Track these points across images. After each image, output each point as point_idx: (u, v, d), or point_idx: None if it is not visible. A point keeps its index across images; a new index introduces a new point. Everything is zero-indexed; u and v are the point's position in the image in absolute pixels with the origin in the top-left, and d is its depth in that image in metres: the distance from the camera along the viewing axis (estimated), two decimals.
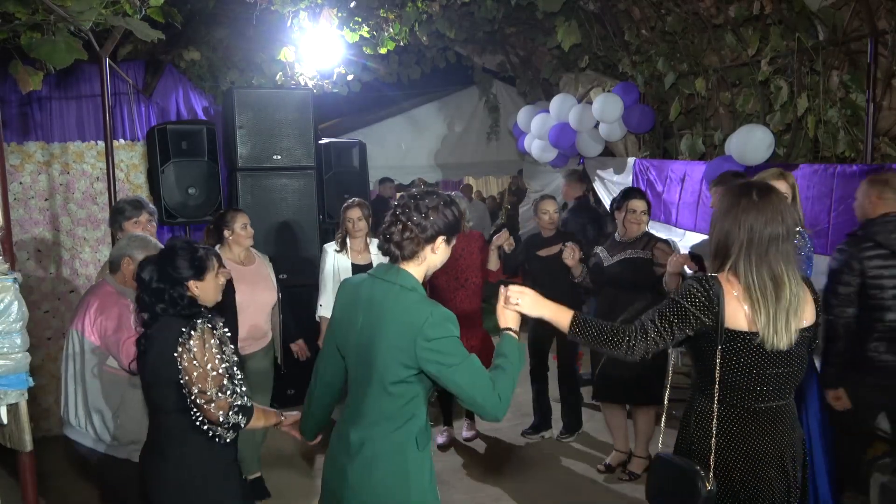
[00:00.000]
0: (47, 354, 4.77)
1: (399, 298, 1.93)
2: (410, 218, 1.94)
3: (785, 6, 4.32)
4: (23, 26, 2.88)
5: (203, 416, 2.12)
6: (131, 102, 5.19)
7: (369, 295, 1.99)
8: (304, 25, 5.87)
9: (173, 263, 2.20)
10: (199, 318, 2.15)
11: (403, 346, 1.87)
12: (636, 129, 5.79)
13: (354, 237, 4.11)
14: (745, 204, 1.94)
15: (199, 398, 2.09)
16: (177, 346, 2.10)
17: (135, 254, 2.75)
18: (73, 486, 4.08)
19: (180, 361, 2.09)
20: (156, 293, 2.17)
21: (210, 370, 2.10)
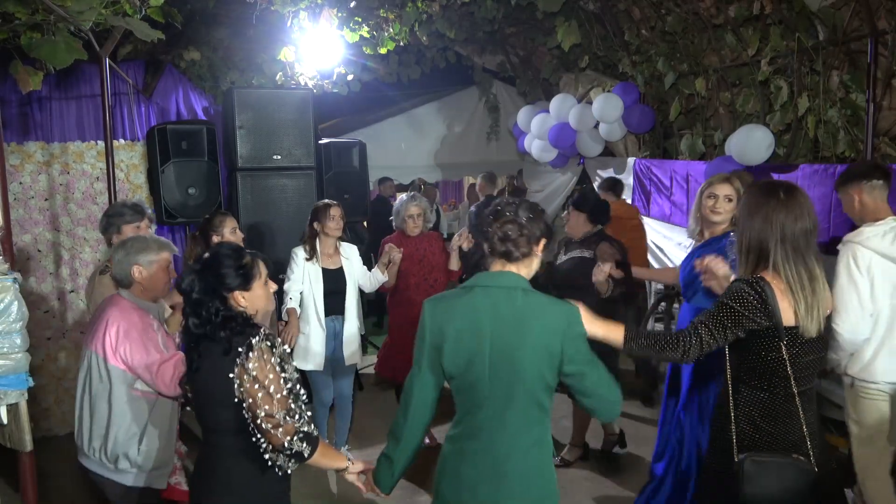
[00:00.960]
0: (47, 354, 4.77)
1: (530, 302, 1.90)
2: (521, 218, 1.93)
3: (785, 6, 4.32)
4: (23, 26, 2.88)
5: (267, 442, 1.95)
6: (131, 102, 5.19)
7: (490, 305, 1.91)
8: (304, 25, 5.87)
9: (217, 273, 2.02)
10: (254, 334, 1.98)
11: (553, 349, 1.87)
12: (636, 129, 5.79)
13: (330, 236, 4.01)
14: (774, 203, 2.05)
15: (265, 422, 1.91)
16: (233, 367, 1.94)
17: (141, 259, 2.58)
18: (73, 486, 4.08)
19: (240, 383, 1.93)
20: (197, 305, 2.00)
21: (274, 392, 1.93)
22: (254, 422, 1.93)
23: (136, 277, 2.56)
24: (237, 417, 1.96)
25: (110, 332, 2.47)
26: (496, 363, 1.89)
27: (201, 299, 1.98)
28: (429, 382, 2.01)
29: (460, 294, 1.98)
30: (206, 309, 1.98)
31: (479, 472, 1.92)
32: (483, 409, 1.93)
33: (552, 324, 1.88)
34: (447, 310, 1.97)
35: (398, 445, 2.06)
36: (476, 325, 1.91)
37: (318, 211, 4.01)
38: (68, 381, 4.84)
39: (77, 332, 4.83)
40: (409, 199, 4.39)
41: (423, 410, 2.04)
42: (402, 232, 4.40)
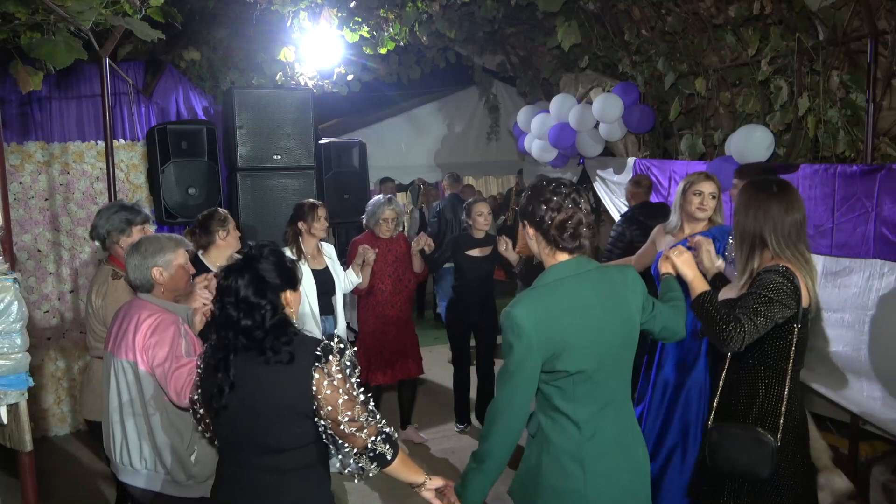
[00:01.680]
0: (47, 354, 4.77)
1: (613, 275, 2.00)
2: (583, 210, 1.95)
3: (785, 6, 4.31)
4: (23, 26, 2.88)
5: (350, 446, 1.86)
6: (131, 102, 5.19)
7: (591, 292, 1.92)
8: (304, 25, 5.87)
9: (269, 270, 1.88)
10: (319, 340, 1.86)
11: (641, 306, 2.02)
12: (636, 129, 5.79)
13: (314, 237, 3.98)
14: (767, 197, 2.22)
15: (349, 426, 1.82)
16: (306, 375, 1.81)
17: (159, 260, 2.48)
18: (73, 487, 4.08)
19: (318, 390, 1.81)
20: (251, 308, 1.83)
21: (356, 396, 1.85)
22: (335, 428, 1.83)
23: (158, 279, 2.48)
24: (310, 430, 1.85)
25: (140, 333, 2.36)
26: (611, 343, 1.93)
27: (255, 301, 1.83)
28: (531, 392, 1.90)
29: (551, 291, 1.90)
30: (259, 311, 1.83)
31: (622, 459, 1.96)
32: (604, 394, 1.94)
33: (636, 285, 2.01)
34: (552, 310, 1.87)
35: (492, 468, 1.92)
36: (589, 315, 1.90)
37: (304, 211, 3.95)
38: (68, 381, 4.85)
39: (77, 332, 4.84)
40: (385, 201, 4.41)
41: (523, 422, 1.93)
42: (372, 233, 4.42)
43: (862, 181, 3.68)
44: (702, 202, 3.23)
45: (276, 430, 1.84)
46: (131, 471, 2.43)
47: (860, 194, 3.70)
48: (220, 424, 1.92)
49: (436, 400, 5.32)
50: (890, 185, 3.52)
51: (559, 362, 1.86)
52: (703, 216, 3.24)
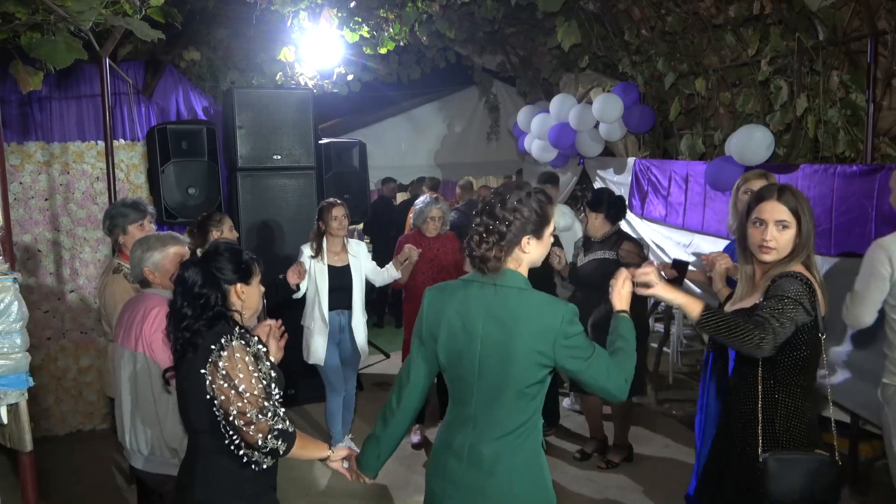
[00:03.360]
0: (47, 354, 4.77)
1: (523, 300, 1.86)
2: (487, 227, 1.86)
3: (785, 6, 4.32)
4: (23, 26, 2.88)
5: (240, 439, 1.94)
6: (131, 102, 5.19)
7: (483, 301, 1.89)
8: (304, 25, 5.87)
9: (219, 265, 2.01)
10: (227, 332, 1.95)
11: (542, 349, 1.83)
12: (636, 129, 5.79)
13: (336, 236, 4.10)
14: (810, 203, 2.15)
15: (238, 419, 1.90)
16: (205, 363, 1.92)
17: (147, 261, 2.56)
18: (73, 486, 4.08)
19: (212, 380, 1.91)
20: (196, 297, 1.97)
21: (244, 391, 1.90)
22: (226, 419, 1.92)
23: (151, 280, 2.58)
24: (211, 416, 1.95)
25: (147, 321, 2.45)
26: (485, 361, 1.87)
27: (201, 292, 1.97)
28: (422, 369, 2.03)
29: (458, 287, 1.96)
30: (204, 301, 1.97)
31: (464, 466, 1.90)
32: (470, 403, 1.92)
33: (544, 326, 1.82)
34: (444, 301, 1.97)
35: (386, 426, 2.06)
36: (468, 321, 1.89)
37: (322, 210, 4.11)
38: (68, 381, 4.85)
39: (77, 332, 4.84)
40: (432, 200, 4.53)
41: (414, 395, 2.05)
42: (419, 231, 4.52)
43: (862, 181, 3.69)
44: None
45: (188, 411, 2.02)
46: (140, 455, 2.52)
47: (860, 194, 3.70)
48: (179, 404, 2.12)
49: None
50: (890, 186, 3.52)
51: (437, 346, 1.97)
52: None
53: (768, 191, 2.17)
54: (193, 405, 1.99)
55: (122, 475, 4.18)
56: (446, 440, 1.97)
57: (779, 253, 2.12)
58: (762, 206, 2.14)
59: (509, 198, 1.86)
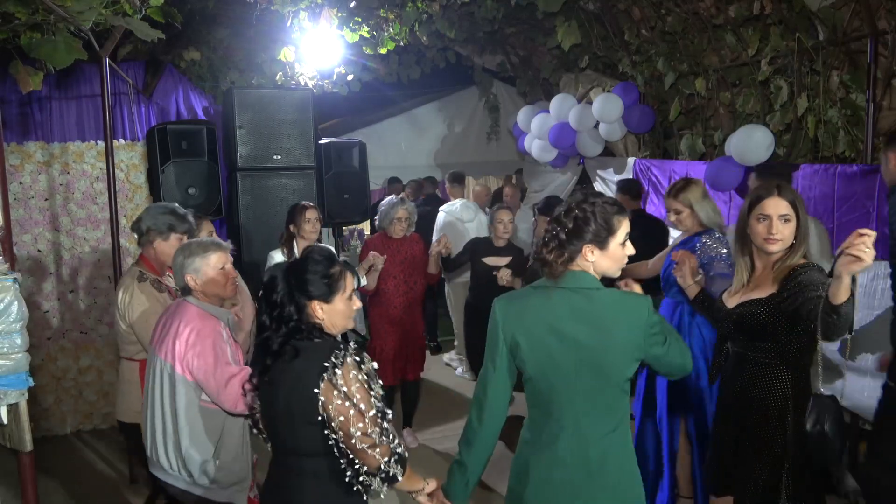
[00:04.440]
0: (47, 354, 4.77)
1: (605, 299, 1.90)
2: (553, 234, 1.91)
3: (785, 6, 4.31)
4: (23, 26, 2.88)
5: (361, 464, 1.83)
6: (131, 102, 5.19)
7: (565, 304, 1.89)
8: (304, 25, 5.87)
9: (301, 277, 1.89)
10: (341, 347, 1.85)
11: (637, 342, 1.87)
12: (636, 129, 5.79)
13: (308, 239, 4.00)
14: None
15: (361, 441, 1.79)
16: (318, 382, 1.80)
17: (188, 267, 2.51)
18: (73, 487, 4.08)
19: (326, 400, 1.79)
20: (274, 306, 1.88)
21: (366, 410, 1.80)
22: (347, 442, 1.80)
23: (193, 286, 2.53)
24: (322, 438, 1.83)
25: (180, 339, 2.40)
26: (580, 364, 1.87)
27: (280, 301, 1.87)
28: (504, 383, 1.98)
29: (533, 294, 1.95)
30: (282, 312, 1.87)
31: (572, 475, 1.88)
32: (568, 408, 1.89)
33: (634, 320, 1.87)
34: (522, 310, 1.93)
35: (472, 449, 1.99)
36: (556, 326, 1.88)
37: (294, 213, 4.01)
38: (68, 381, 4.85)
39: (77, 332, 4.84)
40: (398, 201, 4.43)
41: (498, 413, 1.99)
42: (385, 233, 4.42)
43: (862, 181, 3.69)
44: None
45: (291, 434, 1.87)
46: (160, 467, 2.50)
47: (860, 194, 3.70)
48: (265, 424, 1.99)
49: (436, 400, 5.32)
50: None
51: (516, 356, 1.94)
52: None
53: (768, 188, 2.31)
54: (300, 428, 1.85)
55: (122, 475, 4.18)
56: (544, 453, 1.91)
57: (783, 244, 2.28)
58: (765, 203, 2.28)
59: (574, 206, 1.90)
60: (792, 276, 2.20)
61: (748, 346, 2.35)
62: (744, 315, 2.32)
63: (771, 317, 2.25)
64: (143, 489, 3.97)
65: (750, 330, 2.31)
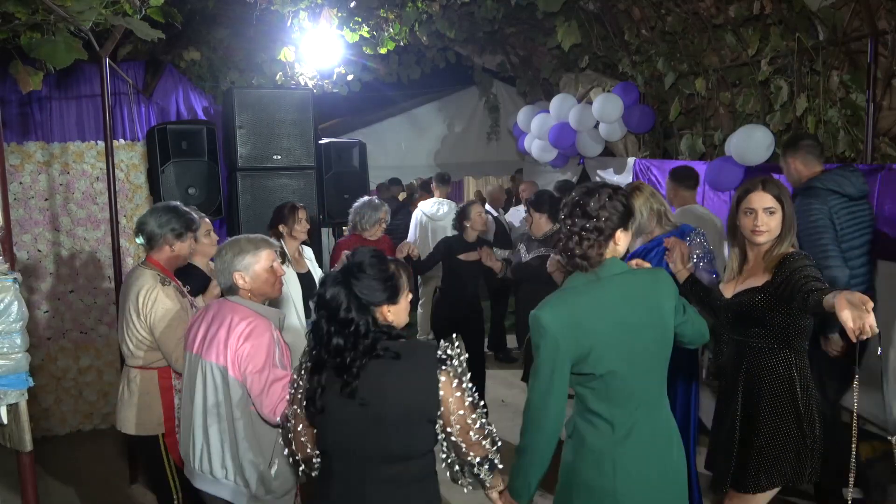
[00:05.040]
0: (47, 354, 4.77)
1: (645, 277, 2.01)
2: (583, 227, 1.93)
3: (785, 6, 4.32)
4: (23, 26, 2.88)
5: (473, 455, 1.82)
6: (131, 102, 5.19)
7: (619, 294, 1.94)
8: (304, 25, 5.87)
9: (362, 285, 1.80)
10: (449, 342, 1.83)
11: (675, 309, 2.02)
12: (636, 129, 5.79)
13: (297, 240, 3.93)
14: None
15: (476, 434, 1.80)
16: (438, 376, 1.77)
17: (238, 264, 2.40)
18: (73, 487, 4.08)
19: (446, 393, 1.77)
20: (346, 324, 1.78)
21: (477, 402, 1.82)
22: (464, 435, 1.79)
23: (241, 285, 2.42)
24: (432, 437, 1.81)
25: (232, 339, 2.28)
26: (643, 344, 1.95)
27: (349, 317, 1.77)
28: (565, 392, 1.94)
29: (578, 294, 1.94)
30: (354, 328, 1.78)
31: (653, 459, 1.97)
32: (637, 394, 1.96)
33: (669, 289, 2.02)
34: (579, 315, 1.90)
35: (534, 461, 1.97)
36: (618, 316, 1.93)
37: (285, 214, 3.90)
38: (68, 381, 4.85)
39: (77, 332, 4.84)
40: (379, 203, 4.47)
41: (560, 422, 1.97)
42: (359, 235, 4.40)
43: None
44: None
45: (403, 437, 1.79)
46: (211, 479, 2.38)
47: None
48: (333, 436, 1.84)
49: None
50: (890, 185, 3.52)
51: (586, 364, 1.91)
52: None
53: (753, 184, 2.46)
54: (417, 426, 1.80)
55: (122, 475, 4.17)
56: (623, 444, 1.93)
57: (770, 235, 2.41)
58: (751, 197, 2.43)
59: (599, 196, 1.95)
60: (783, 264, 2.32)
61: (749, 334, 2.45)
62: (742, 304, 2.43)
63: (768, 303, 2.36)
64: (143, 489, 3.97)
65: (749, 317, 2.42)
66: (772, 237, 2.41)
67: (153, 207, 3.02)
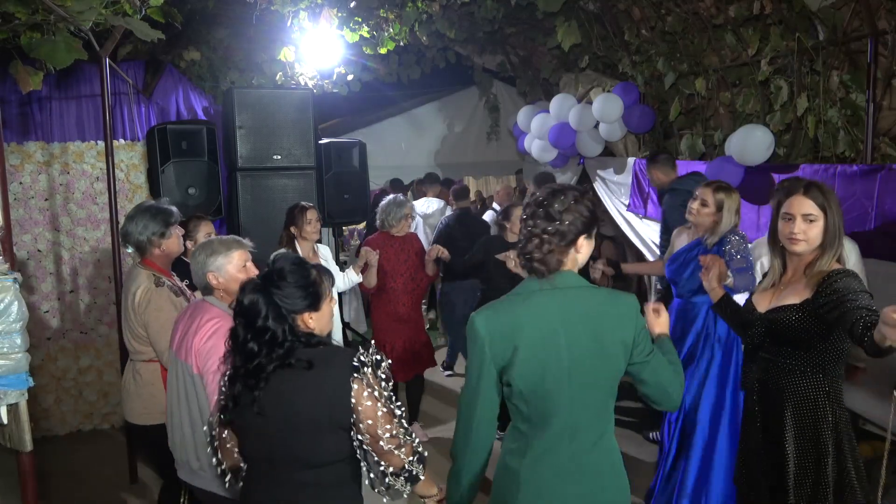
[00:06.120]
0: (47, 354, 4.77)
1: (596, 297, 1.85)
2: (545, 229, 1.82)
3: (785, 6, 4.31)
4: (23, 26, 2.88)
5: (387, 465, 1.79)
6: (131, 102, 5.19)
7: (557, 306, 1.81)
8: (304, 25, 5.87)
9: (282, 293, 1.78)
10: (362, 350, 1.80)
11: (627, 339, 1.83)
12: (636, 129, 5.79)
13: (309, 240, 4.04)
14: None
15: (388, 443, 1.75)
16: (350, 384, 1.74)
17: (211, 265, 2.47)
18: (73, 487, 4.08)
19: (357, 402, 1.73)
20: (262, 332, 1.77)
21: (393, 410, 1.77)
22: (374, 444, 1.76)
23: (215, 285, 2.49)
24: (347, 443, 1.78)
25: (197, 339, 2.36)
26: (576, 367, 1.80)
27: (269, 326, 1.76)
28: (493, 399, 1.87)
29: (518, 302, 1.85)
30: (270, 336, 1.77)
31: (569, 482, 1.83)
32: (559, 417, 1.82)
33: (625, 317, 1.83)
34: (510, 322, 1.82)
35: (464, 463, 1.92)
36: (549, 331, 1.80)
37: (295, 214, 4.02)
38: (68, 381, 4.85)
39: (77, 332, 4.84)
40: (404, 199, 4.51)
41: (489, 429, 1.91)
42: (387, 233, 4.45)
43: (862, 181, 3.69)
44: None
45: (313, 443, 1.78)
46: (189, 470, 2.46)
47: (860, 194, 3.70)
48: (251, 440, 1.85)
49: (439, 399, 5.32)
50: (890, 185, 3.52)
51: (509, 376, 1.83)
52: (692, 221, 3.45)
53: (795, 186, 2.24)
54: (325, 436, 1.77)
55: (122, 475, 4.17)
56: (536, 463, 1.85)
57: (808, 245, 2.20)
58: (790, 201, 2.23)
59: (564, 199, 1.83)
60: (827, 282, 2.10)
61: (779, 353, 2.25)
62: (776, 321, 2.22)
63: (805, 323, 2.15)
64: (144, 489, 3.98)
65: (782, 336, 2.22)
66: (811, 247, 2.19)
67: (129, 214, 3.04)
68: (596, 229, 1.90)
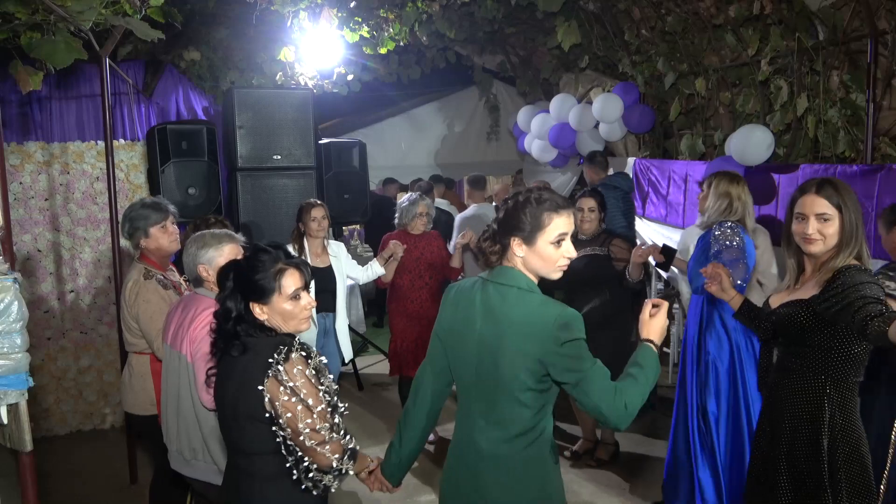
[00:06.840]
0: (47, 354, 4.77)
1: (519, 300, 1.80)
2: (490, 224, 1.92)
3: (785, 6, 4.32)
4: (23, 26, 2.88)
5: (310, 461, 1.79)
6: (131, 102, 5.19)
7: (483, 299, 1.86)
8: (304, 25, 5.87)
9: (239, 276, 1.87)
10: (287, 343, 1.83)
11: (531, 352, 1.75)
12: (636, 129, 5.79)
13: (315, 238, 4.10)
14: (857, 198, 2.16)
15: (310, 438, 1.75)
16: (263, 378, 1.76)
17: (202, 257, 2.51)
18: (73, 487, 4.08)
19: (272, 396, 1.76)
20: (222, 302, 1.88)
21: (314, 405, 1.76)
22: (295, 439, 1.77)
23: (205, 277, 2.52)
24: (271, 436, 1.79)
25: (191, 330, 2.40)
26: (481, 361, 1.85)
27: (224, 300, 1.87)
28: (437, 368, 2.03)
29: (469, 286, 1.95)
30: (224, 311, 1.86)
31: (461, 463, 1.92)
32: (469, 404, 1.92)
33: (534, 328, 1.75)
34: (456, 299, 1.97)
35: (405, 431, 2.06)
36: (468, 319, 1.89)
37: (301, 211, 4.12)
38: (68, 381, 4.85)
39: (77, 332, 4.84)
40: (418, 197, 4.51)
41: (432, 399, 2.04)
42: (404, 230, 4.49)
43: (862, 181, 3.69)
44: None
45: (239, 432, 1.85)
46: (183, 461, 2.50)
47: (860, 194, 3.68)
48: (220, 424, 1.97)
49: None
50: (890, 185, 3.52)
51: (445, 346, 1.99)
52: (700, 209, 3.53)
53: (808, 185, 2.18)
54: (247, 426, 1.82)
55: (122, 475, 4.17)
56: (454, 443, 1.99)
57: (824, 244, 2.13)
58: (803, 200, 2.16)
59: (510, 199, 1.89)
60: (836, 278, 2.05)
61: (788, 351, 2.19)
62: (783, 316, 2.17)
63: (809, 320, 2.09)
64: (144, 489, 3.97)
65: (788, 333, 2.17)
66: (827, 247, 2.12)
67: (125, 212, 3.16)
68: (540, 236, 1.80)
